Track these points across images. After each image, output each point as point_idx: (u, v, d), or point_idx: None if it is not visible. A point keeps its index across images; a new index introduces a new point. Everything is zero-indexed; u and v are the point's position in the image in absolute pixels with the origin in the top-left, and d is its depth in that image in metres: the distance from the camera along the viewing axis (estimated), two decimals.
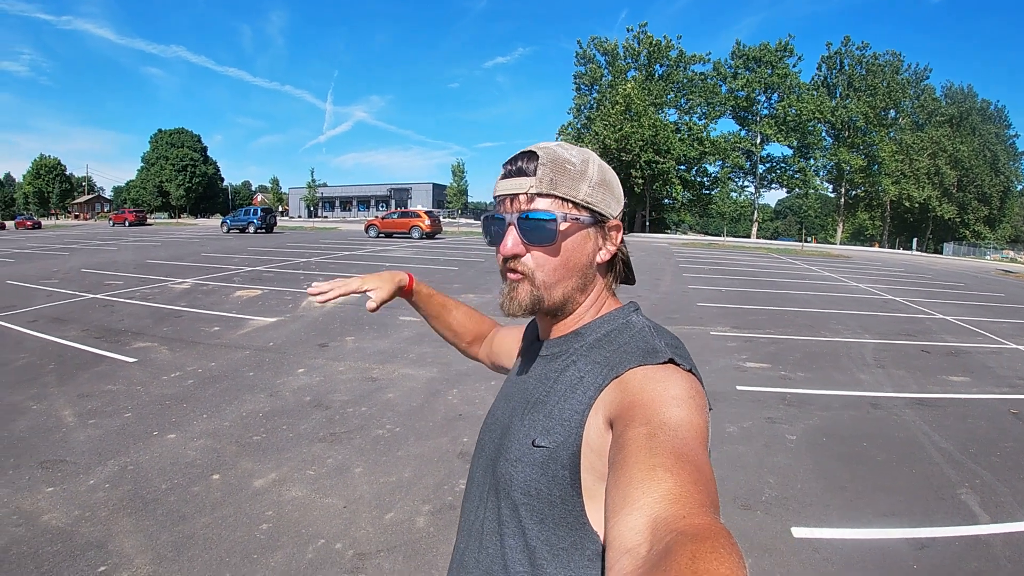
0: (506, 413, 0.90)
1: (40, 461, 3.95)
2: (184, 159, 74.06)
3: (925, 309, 12.13)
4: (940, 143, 52.31)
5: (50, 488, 3.59)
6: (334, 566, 2.86)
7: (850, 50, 54.13)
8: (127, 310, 9.34)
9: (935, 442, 4.66)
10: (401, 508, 3.44)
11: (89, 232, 37.38)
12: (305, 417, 4.85)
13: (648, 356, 0.74)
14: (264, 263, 16.69)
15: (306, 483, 3.72)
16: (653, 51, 53.56)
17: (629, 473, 0.58)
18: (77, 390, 5.44)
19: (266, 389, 5.53)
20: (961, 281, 20.20)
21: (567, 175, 0.81)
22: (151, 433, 4.46)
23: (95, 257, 18.61)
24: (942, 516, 3.52)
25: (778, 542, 3.19)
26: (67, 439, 4.33)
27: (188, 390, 5.48)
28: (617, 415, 0.69)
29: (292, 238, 30.04)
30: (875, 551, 3.16)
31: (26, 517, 3.25)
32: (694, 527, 0.49)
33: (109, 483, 3.66)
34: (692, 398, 0.68)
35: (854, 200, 57.55)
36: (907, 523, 3.42)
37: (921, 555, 3.11)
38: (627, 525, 0.53)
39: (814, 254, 33.14)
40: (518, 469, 0.78)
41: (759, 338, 8.34)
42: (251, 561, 2.87)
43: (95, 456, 4.05)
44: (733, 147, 53.23)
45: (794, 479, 3.97)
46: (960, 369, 7.07)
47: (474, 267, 16.81)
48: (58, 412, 4.88)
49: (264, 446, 4.27)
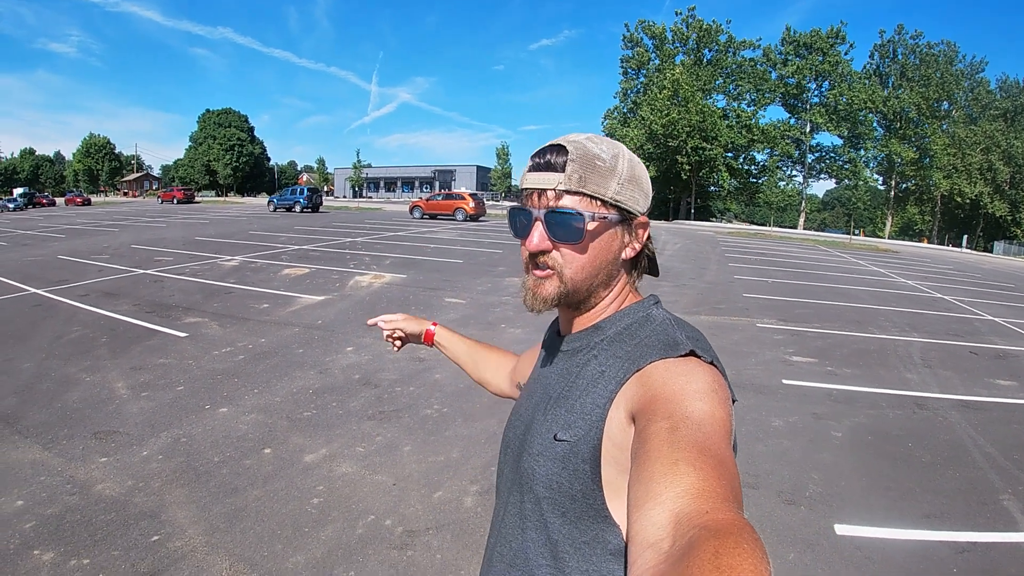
0: (529, 408, 0.90)
1: (94, 432, 4.13)
2: (231, 139, 75.59)
3: (974, 309, 11.72)
4: (994, 137, 49.93)
5: (104, 458, 3.74)
6: (384, 542, 2.97)
7: (903, 39, 52.00)
8: (177, 286, 9.68)
9: (980, 446, 4.56)
10: (449, 487, 3.54)
11: (138, 209, 38.59)
12: (354, 395, 5.00)
13: (669, 349, 0.74)
14: (311, 242, 17.03)
15: (356, 460, 3.85)
16: (702, 35, 52.34)
17: (651, 467, 0.58)
18: (129, 363, 5.67)
19: (316, 366, 5.70)
20: (1011, 282, 19.38)
21: (596, 172, 0.80)
22: (203, 407, 4.65)
23: (144, 234, 19.25)
24: (984, 521, 3.47)
25: (821, 538, 3.20)
26: (120, 411, 4.52)
27: (239, 365, 5.68)
28: (639, 409, 0.69)
29: (338, 218, 30.49)
30: (916, 552, 3.14)
31: (80, 486, 3.39)
32: (717, 522, 0.49)
33: (162, 455, 3.81)
34: (714, 391, 0.68)
35: (904, 193, 55.54)
36: (949, 526, 3.40)
37: (961, 559, 3.09)
38: (650, 520, 0.53)
39: (861, 248, 32.21)
40: (540, 463, 0.78)
41: (806, 332, 8.22)
42: (302, 534, 2.99)
43: (148, 428, 4.22)
44: (782, 135, 51.84)
45: (838, 476, 3.95)
46: (1008, 373, 6.85)
47: (518, 251, 16.45)
48: (111, 384, 5.10)
49: (315, 422, 4.42)
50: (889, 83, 52.41)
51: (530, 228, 0.83)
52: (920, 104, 49.78)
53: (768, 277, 14.30)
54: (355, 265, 12.59)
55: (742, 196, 57.02)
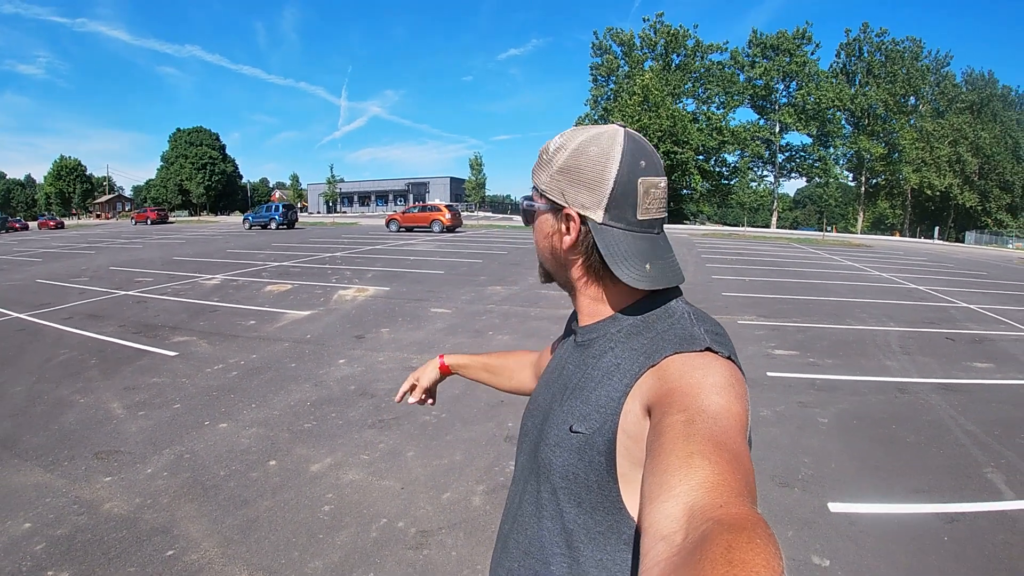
0: (547, 398, 0.91)
1: (95, 452, 4.12)
2: (203, 157, 74.90)
3: (948, 298, 12.09)
4: (961, 130, 51.46)
5: (108, 478, 3.74)
6: (399, 543, 3.04)
7: (869, 37, 53.42)
8: (161, 306, 9.61)
9: (961, 425, 4.77)
10: (456, 488, 3.61)
11: (112, 231, 38.04)
12: (352, 405, 5.05)
13: (686, 343, 0.74)
14: (290, 258, 16.97)
15: (362, 467, 3.90)
16: (670, 41, 53.32)
17: (666, 460, 0.58)
18: (122, 383, 5.65)
19: (310, 379, 5.74)
20: (984, 270, 20.00)
21: (539, 163, 0.86)
22: (202, 423, 4.66)
23: (121, 255, 19.02)
24: (970, 493, 3.66)
25: (816, 516, 3.35)
26: (119, 430, 4.51)
27: (233, 381, 5.69)
28: (655, 402, 0.69)
29: (314, 233, 30.38)
30: (908, 524, 3.31)
31: (87, 506, 3.39)
32: (731, 516, 0.49)
33: (167, 471, 3.82)
34: (731, 386, 0.68)
35: (874, 189, 56.88)
36: (937, 499, 3.57)
37: (951, 528, 3.26)
38: (663, 512, 0.53)
39: (835, 243, 32.88)
40: (557, 454, 0.79)
41: (786, 326, 8.43)
42: (317, 540, 3.05)
43: (150, 446, 4.22)
44: (752, 136, 52.87)
45: (828, 459, 4.11)
46: (984, 356, 7.12)
47: (498, 259, 16.98)
48: (106, 405, 5.08)
49: (316, 433, 4.47)
50: (856, 81, 53.80)
51: None
52: (887, 100, 51.13)
53: (745, 276, 14.59)
54: (337, 280, 12.58)
55: (715, 198, 57.91)
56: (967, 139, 51.42)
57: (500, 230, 34.94)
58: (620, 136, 0.82)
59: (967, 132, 51.37)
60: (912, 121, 52.99)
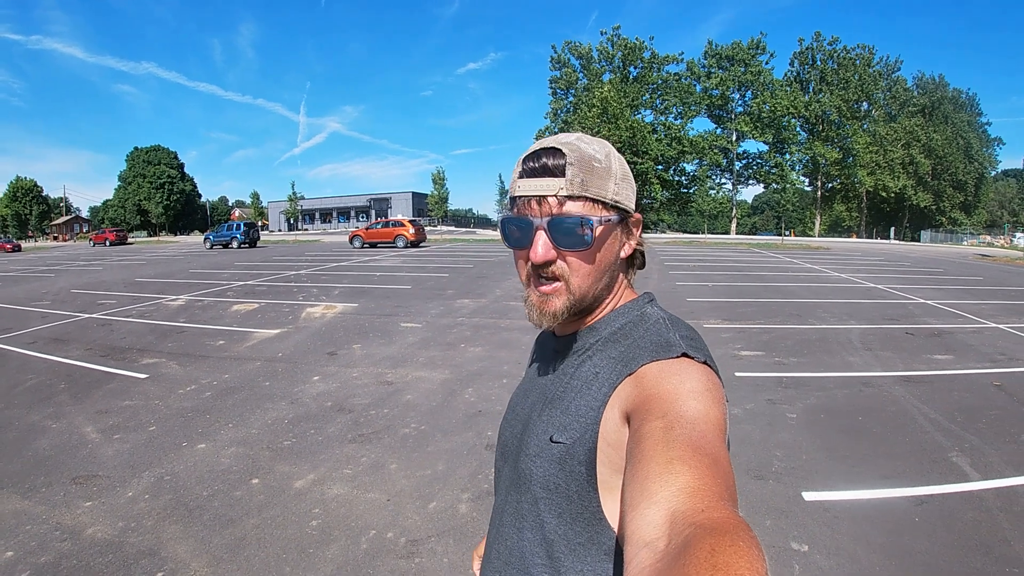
0: (526, 408, 0.90)
1: (72, 477, 4.02)
2: (161, 176, 73.44)
3: (907, 295, 12.57)
4: (914, 133, 53.44)
5: (88, 502, 3.66)
6: (390, 553, 3.05)
7: (821, 45, 55.27)
8: (126, 328, 9.40)
9: (925, 413, 5.00)
10: (442, 498, 3.64)
11: (70, 253, 36.88)
12: (330, 421, 5.03)
13: (662, 350, 0.74)
14: (254, 277, 16.75)
15: (345, 481, 3.90)
16: (627, 53, 54.33)
17: (647, 467, 0.58)
18: (94, 407, 5.53)
19: (286, 397, 5.69)
20: (940, 267, 20.81)
21: (595, 174, 0.78)
22: (180, 444, 4.59)
23: (82, 278, 18.49)
24: (937, 476, 3.85)
25: (792, 505, 3.49)
26: (95, 454, 4.42)
27: (207, 402, 5.61)
28: (634, 409, 0.69)
29: (277, 252, 30.00)
30: (880, 508, 3.47)
31: (69, 532, 3.31)
32: (713, 520, 0.49)
33: (148, 494, 3.76)
34: (708, 390, 0.68)
35: (830, 192, 58.60)
36: (906, 483, 3.75)
37: (922, 510, 3.43)
38: (645, 519, 0.53)
39: (794, 247, 33.77)
40: (537, 464, 0.79)
41: (751, 328, 8.66)
42: (307, 555, 3.04)
43: (128, 469, 4.14)
44: (710, 145, 54.06)
45: (799, 451, 4.27)
46: (944, 348, 7.45)
47: (464, 273, 17.03)
48: (79, 429, 4.96)
49: (296, 450, 4.44)
50: (810, 88, 55.53)
51: (531, 238, 0.79)
52: (841, 106, 52.88)
53: (708, 281, 14.92)
54: (304, 297, 12.48)
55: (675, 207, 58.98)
56: (919, 141, 53.41)
57: (464, 244, 35.05)
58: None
59: (919, 135, 53.36)
60: (865, 126, 54.88)
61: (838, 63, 54.07)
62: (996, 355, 7.12)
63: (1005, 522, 3.26)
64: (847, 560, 2.93)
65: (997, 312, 10.38)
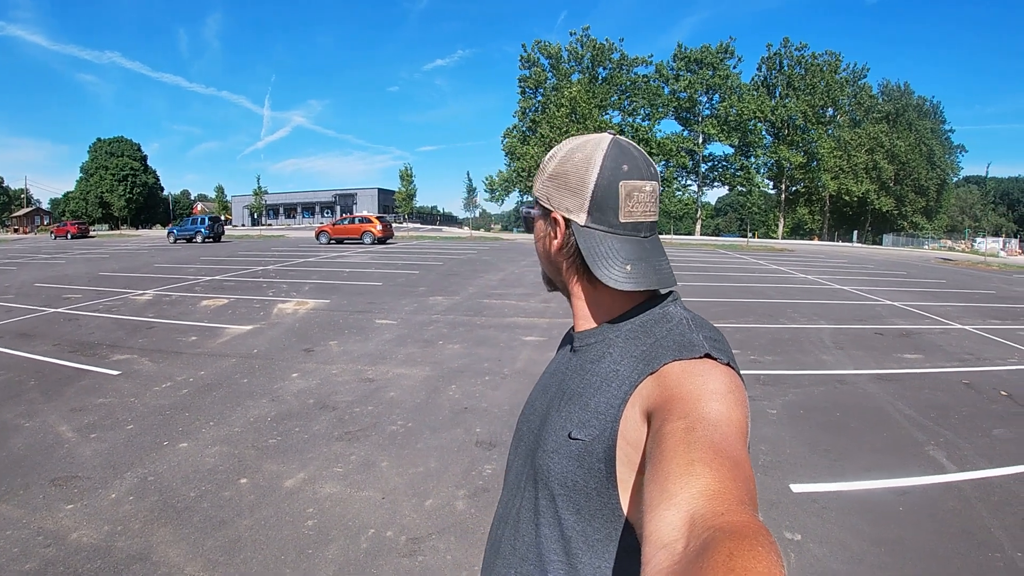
0: (544, 403, 0.90)
1: (50, 479, 3.87)
2: (124, 168, 71.27)
3: (873, 296, 12.98)
4: (878, 139, 54.91)
5: (69, 505, 3.53)
6: (392, 552, 3.03)
7: (789, 51, 56.48)
8: (94, 323, 9.13)
9: (900, 410, 5.20)
10: (438, 494, 3.64)
11: (32, 246, 35.46)
12: (314, 419, 4.97)
13: (685, 350, 0.74)
14: (221, 272, 16.40)
15: (337, 480, 3.86)
16: (596, 54, 54.78)
17: (667, 467, 0.58)
18: (67, 405, 5.35)
19: (266, 394, 5.60)
20: (904, 270, 21.53)
21: (538, 172, 0.91)
22: (161, 443, 4.46)
23: (45, 271, 17.87)
24: (916, 468, 4.03)
25: (781, 497, 3.62)
26: (73, 455, 4.27)
27: (185, 399, 5.49)
28: (655, 409, 0.69)
29: (242, 247, 29.41)
30: (865, 498, 3.62)
31: (53, 537, 3.17)
32: (732, 524, 0.48)
33: (133, 495, 3.64)
34: (731, 392, 0.68)
35: (794, 196, 59.95)
36: (887, 475, 3.92)
37: (904, 499, 3.60)
38: (664, 520, 0.53)
39: (759, 249, 34.50)
40: (555, 461, 0.79)
41: (724, 327, 8.80)
42: (306, 556, 2.99)
43: (109, 470, 4.01)
44: (677, 147, 54.82)
45: (782, 446, 4.41)
46: (912, 348, 7.74)
47: (434, 270, 16.97)
48: (54, 428, 4.79)
49: (283, 448, 4.37)
50: (776, 93, 56.67)
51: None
52: (806, 111, 54.11)
53: (679, 281, 15.08)
54: (274, 293, 12.28)
55: None
56: (883, 147, 54.93)
57: (432, 241, 34.89)
58: (606, 142, 0.84)
59: (883, 140, 54.89)
60: (830, 131, 56.32)
61: (805, 69, 55.30)
62: (963, 355, 7.43)
63: (983, 510, 3.44)
64: (839, 548, 3.05)
65: (962, 314, 10.80)
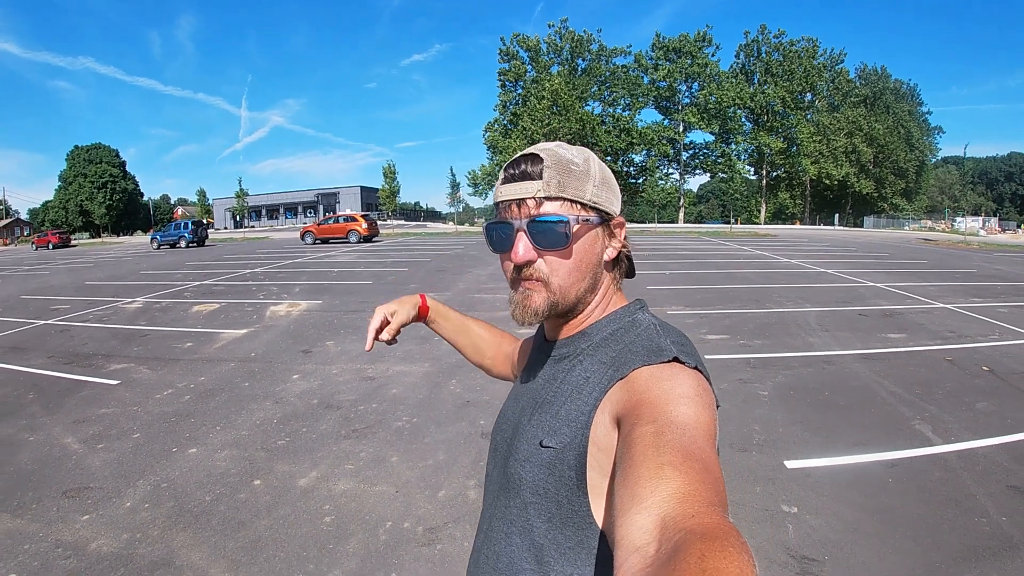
0: (516, 412, 0.91)
1: (62, 491, 3.89)
2: (103, 175, 70.25)
3: (856, 279, 13.25)
4: (856, 122, 55.44)
5: (85, 516, 3.55)
6: (411, 542, 3.15)
7: (767, 37, 56.76)
8: (86, 333, 9.11)
9: (885, 387, 5.41)
10: (450, 485, 3.76)
11: (13, 258, 34.94)
12: (320, 418, 5.07)
13: (653, 355, 0.74)
14: (209, 276, 16.36)
15: (349, 476, 3.97)
16: (575, 46, 54.88)
17: (637, 471, 0.58)
18: (70, 417, 5.37)
19: (269, 397, 5.68)
20: (885, 251, 21.92)
21: (573, 175, 0.81)
22: (170, 450, 4.52)
23: (30, 283, 17.67)
24: (903, 442, 4.23)
25: (776, 473, 3.81)
26: (82, 466, 4.30)
27: (189, 405, 5.54)
28: (624, 414, 0.69)
29: (227, 250, 29.20)
30: (856, 472, 3.82)
31: (72, 548, 3.18)
32: (703, 526, 0.48)
33: (148, 502, 3.69)
34: (699, 395, 0.68)
35: (775, 181, 60.48)
36: (876, 449, 4.12)
37: (893, 472, 3.79)
38: (635, 524, 0.53)
39: (742, 234, 34.87)
40: (527, 469, 0.79)
41: (713, 313, 9.03)
42: (328, 551, 3.09)
43: (120, 478, 4.05)
44: (658, 136, 55.13)
45: (775, 425, 4.61)
46: (896, 328, 7.98)
47: (423, 267, 17.05)
48: (60, 441, 4.82)
49: (292, 448, 4.47)
50: (755, 80, 57.03)
51: (512, 240, 0.82)
52: (785, 97, 54.53)
53: (665, 269, 15.36)
54: (265, 296, 12.29)
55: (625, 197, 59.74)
56: (862, 131, 55.48)
57: (417, 237, 34.89)
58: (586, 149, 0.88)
59: (862, 124, 55.43)
60: (809, 116, 56.85)
61: (783, 55, 55.64)
62: (946, 332, 7.68)
63: (969, 479, 3.64)
64: (834, 518, 3.23)
65: (943, 293, 11.07)
